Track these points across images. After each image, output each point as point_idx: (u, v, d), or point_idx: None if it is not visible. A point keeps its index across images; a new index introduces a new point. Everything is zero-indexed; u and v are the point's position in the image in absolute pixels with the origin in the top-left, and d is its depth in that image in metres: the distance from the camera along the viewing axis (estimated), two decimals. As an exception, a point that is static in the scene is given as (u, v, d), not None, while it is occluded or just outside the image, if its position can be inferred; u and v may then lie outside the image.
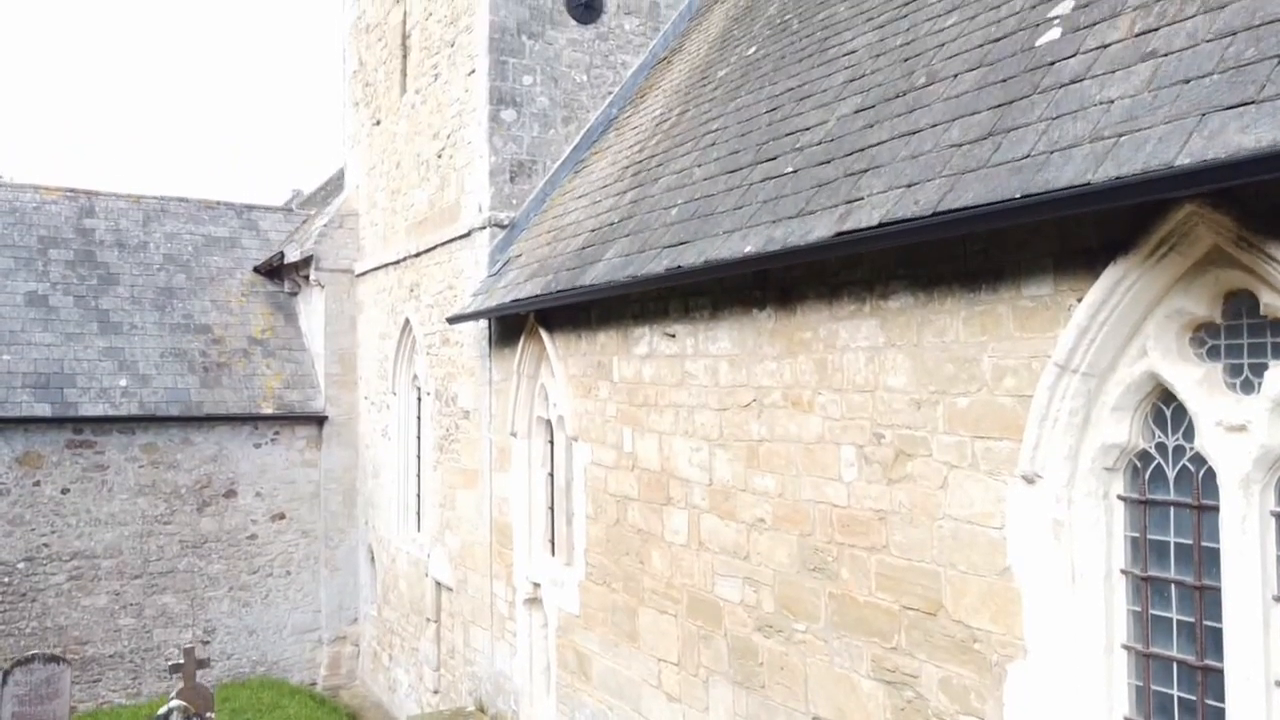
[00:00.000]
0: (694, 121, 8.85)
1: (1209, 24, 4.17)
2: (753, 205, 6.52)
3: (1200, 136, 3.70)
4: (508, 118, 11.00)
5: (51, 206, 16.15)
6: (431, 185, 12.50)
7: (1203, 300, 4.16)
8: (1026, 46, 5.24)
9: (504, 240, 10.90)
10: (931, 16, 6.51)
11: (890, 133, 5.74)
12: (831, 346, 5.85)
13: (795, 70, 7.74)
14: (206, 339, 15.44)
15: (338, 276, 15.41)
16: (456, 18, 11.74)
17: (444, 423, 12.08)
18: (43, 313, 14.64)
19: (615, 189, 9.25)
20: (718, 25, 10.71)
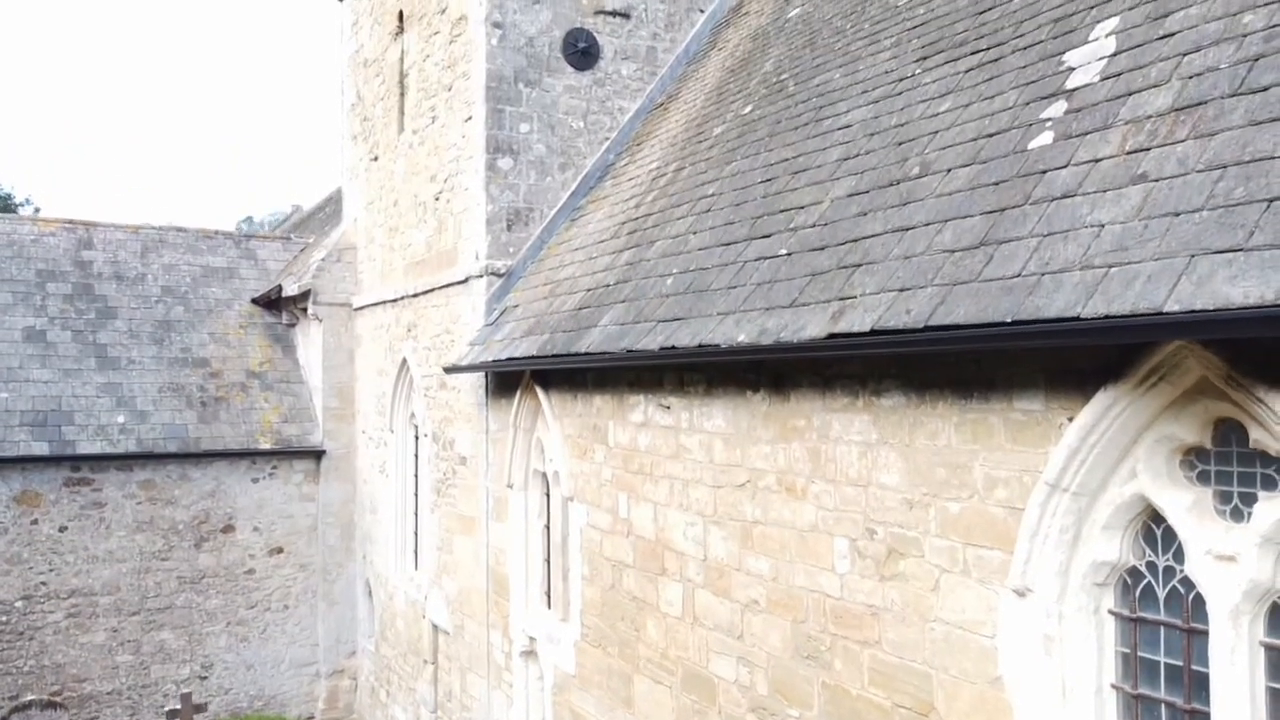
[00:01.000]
0: (690, 182, 8.86)
1: (1199, 151, 4.18)
2: (747, 286, 6.53)
3: (1189, 281, 3.71)
4: (504, 166, 11.01)
5: (50, 239, 16.17)
6: (429, 227, 12.52)
7: (1193, 427, 4.18)
8: (1019, 148, 5.25)
9: (500, 289, 10.91)
10: (926, 98, 6.52)
11: (884, 225, 5.75)
12: (825, 437, 5.87)
13: (790, 139, 7.75)
14: (204, 373, 15.45)
15: (335, 310, 15.42)
16: (454, 63, 11.75)
17: (441, 466, 12.09)
18: (40, 348, 14.65)
19: (611, 246, 9.26)
20: (714, 75, 10.72)
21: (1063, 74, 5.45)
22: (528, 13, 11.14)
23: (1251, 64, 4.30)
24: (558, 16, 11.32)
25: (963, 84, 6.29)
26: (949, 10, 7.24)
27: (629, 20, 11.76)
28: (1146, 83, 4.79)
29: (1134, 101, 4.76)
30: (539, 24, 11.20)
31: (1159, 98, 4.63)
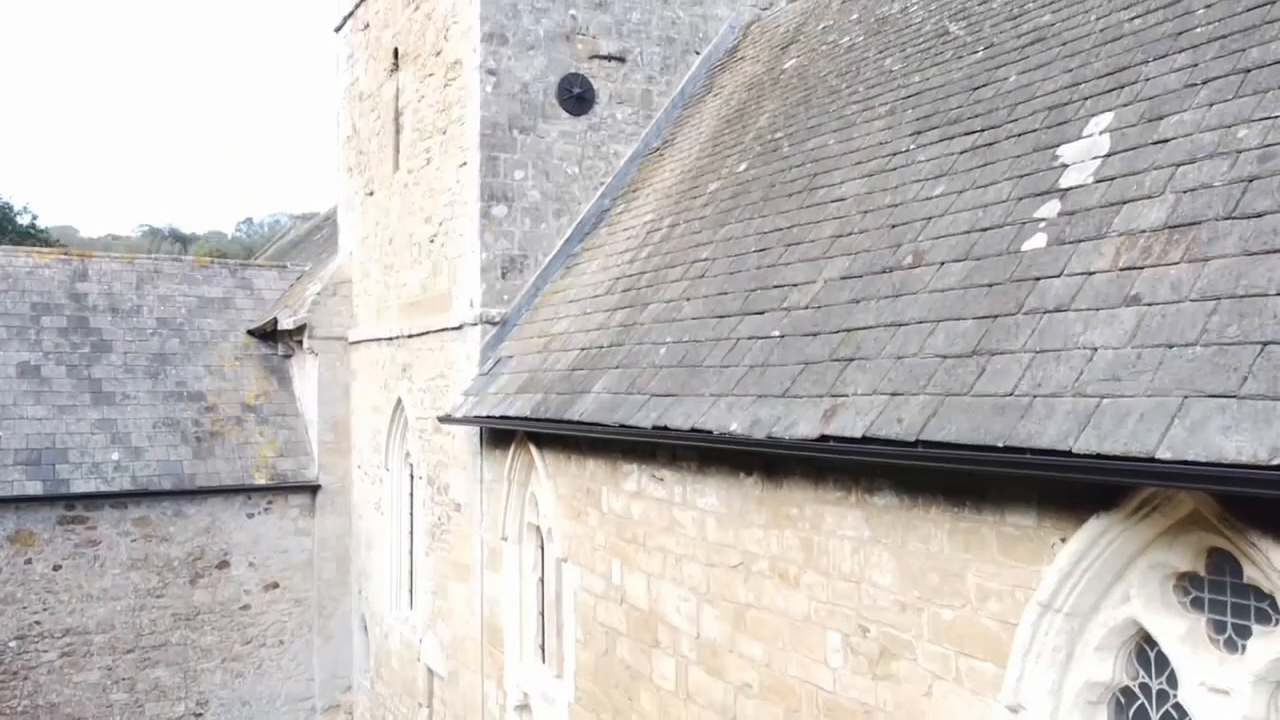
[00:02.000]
0: (684, 241, 8.82)
1: (1193, 278, 4.14)
2: (739, 367, 6.49)
3: (1182, 426, 3.67)
4: (499, 214, 10.97)
5: (44, 271, 16.12)
6: (424, 269, 12.47)
7: (1186, 555, 4.14)
8: (1012, 248, 5.21)
9: (495, 337, 10.87)
10: (920, 178, 6.48)
11: (876, 317, 5.72)
12: (818, 528, 5.83)
13: (784, 206, 7.72)
14: (199, 407, 15.40)
15: (331, 344, 15.37)
16: (448, 106, 11.71)
17: (436, 510, 12.05)
18: (35, 384, 14.60)
19: (606, 303, 9.22)
20: (709, 124, 10.68)
21: (1056, 170, 5.42)
22: (522, 59, 11.10)
23: (1245, 185, 4.27)
24: (552, 62, 11.28)
25: (957, 166, 6.25)
26: (944, 83, 7.20)
27: (624, 64, 11.72)
28: (1140, 192, 4.76)
29: (1128, 212, 4.72)
30: (534, 70, 11.16)
31: (1153, 211, 4.60)
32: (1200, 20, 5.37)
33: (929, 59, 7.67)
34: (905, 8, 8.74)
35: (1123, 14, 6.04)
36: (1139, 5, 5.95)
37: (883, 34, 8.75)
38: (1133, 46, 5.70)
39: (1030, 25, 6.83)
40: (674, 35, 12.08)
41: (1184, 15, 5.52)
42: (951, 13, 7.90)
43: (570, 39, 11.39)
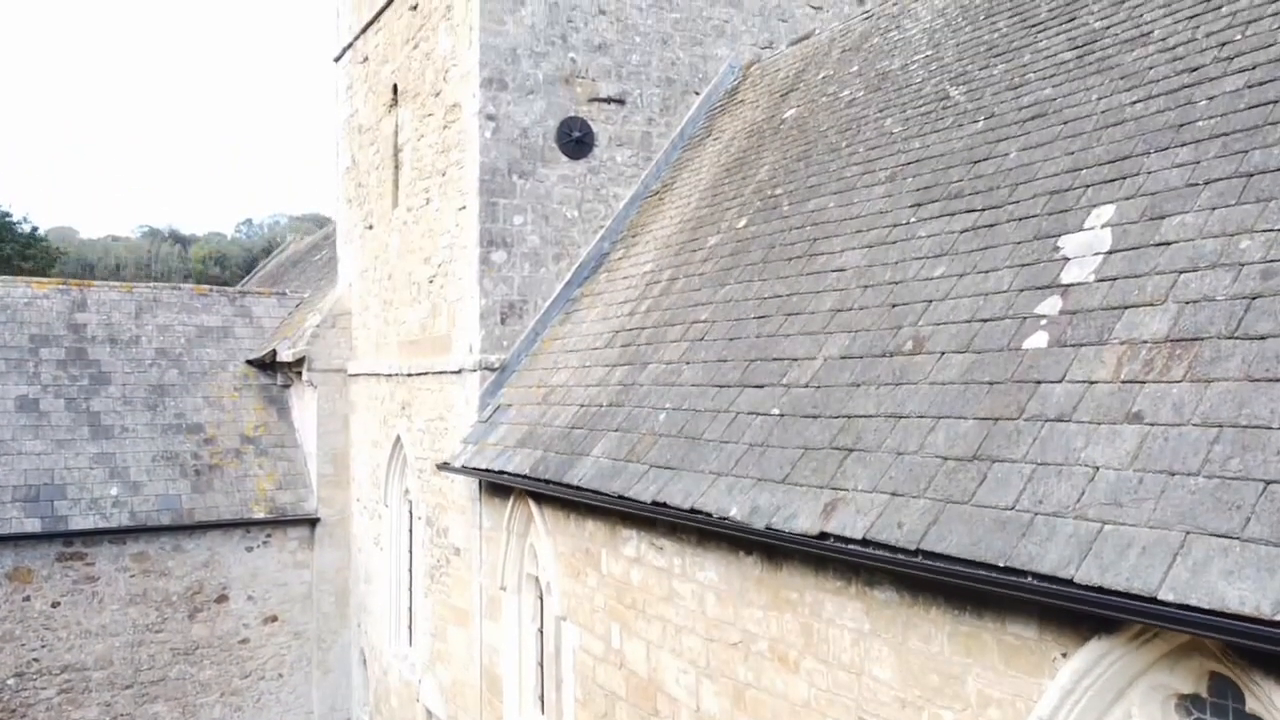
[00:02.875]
0: (683, 298, 8.80)
1: (1195, 399, 4.12)
2: (739, 445, 6.47)
3: (1184, 566, 3.65)
4: (498, 259, 10.95)
5: (43, 301, 16.09)
6: (423, 309, 12.45)
7: (1188, 679, 4.11)
8: (1014, 345, 5.19)
9: (494, 383, 10.85)
10: (920, 255, 6.46)
11: (876, 405, 5.69)
12: (817, 615, 5.80)
13: (784, 271, 7.69)
14: (198, 439, 15.37)
15: (330, 376, 15.35)
16: (447, 149, 11.68)
17: (435, 552, 12.03)
18: (34, 418, 14.57)
19: (605, 357, 9.20)
20: (709, 170, 10.65)
21: (1058, 262, 5.39)
22: (522, 104, 11.07)
23: (1248, 303, 4.25)
24: (552, 106, 11.25)
25: (958, 246, 6.23)
26: (944, 151, 7.18)
27: (624, 106, 11.69)
28: (1142, 297, 4.73)
29: (1129, 318, 4.70)
30: (533, 114, 11.14)
31: (1154, 320, 4.58)
32: (1202, 113, 5.35)
33: (929, 124, 7.65)
34: (905, 65, 8.72)
35: (1124, 96, 6.02)
36: (1140, 89, 5.93)
37: (883, 91, 8.72)
38: (1134, 134, 5.67)
39: (1031, 98, 6.81)
40: (673, 76, 12.05)
41: (1185, 105, 5.50)
42: (952, 76, 7.87)
43: (570, 82, 11.37)
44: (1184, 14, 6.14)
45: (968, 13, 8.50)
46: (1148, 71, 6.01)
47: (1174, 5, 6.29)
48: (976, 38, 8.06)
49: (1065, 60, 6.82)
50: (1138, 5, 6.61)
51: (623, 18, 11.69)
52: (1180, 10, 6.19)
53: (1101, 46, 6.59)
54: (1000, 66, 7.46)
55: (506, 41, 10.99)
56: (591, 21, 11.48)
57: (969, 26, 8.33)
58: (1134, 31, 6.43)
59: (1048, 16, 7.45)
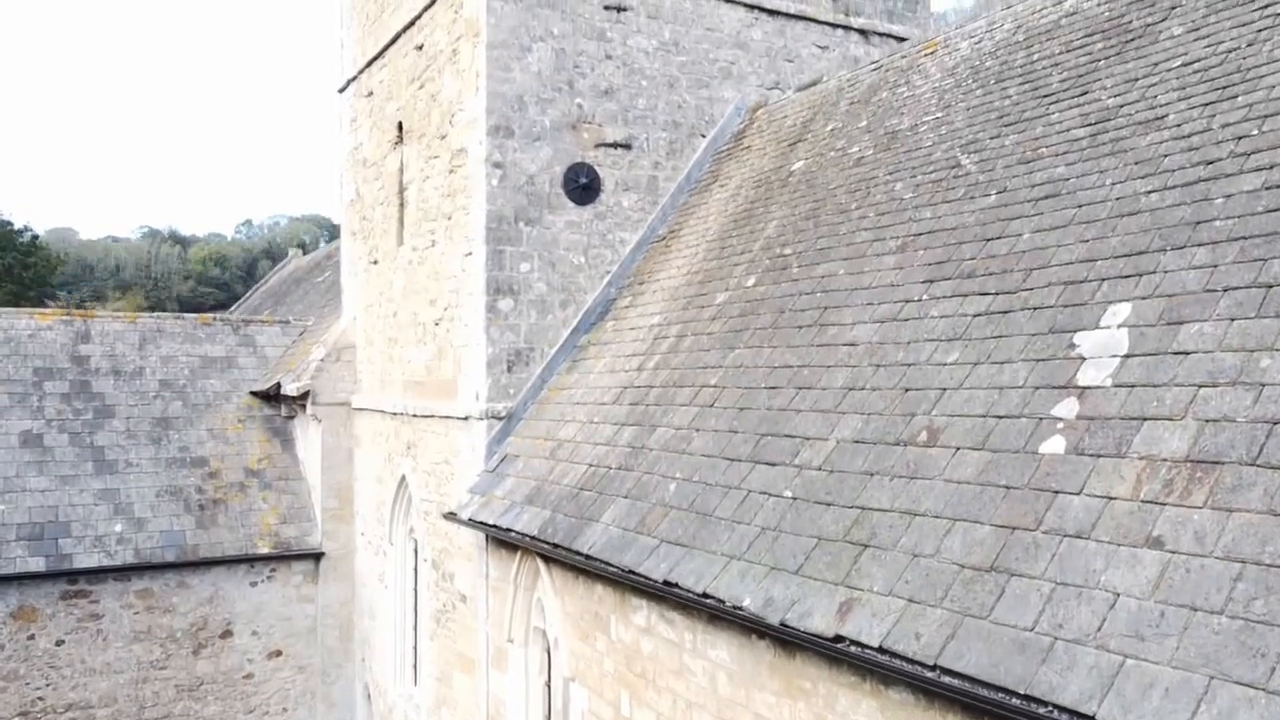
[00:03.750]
0: (691, 358, 8.77)
1: (1217, 529, 4.10)
2: (751, 527, 6.45)
3: (1209, 713, 3.63)
4: (505, 307, 10.93)
5: (47, 333, 16.06)
6: (428, 351, 12.42)
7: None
8: (1030, 447, 5.17)
9: (501, 431, 10.83)
10: (933, 337, 6.43)
11: (891, 499, 5.67)
12: (831, 708, 5.78)
13: (794, 340, 7.67)
14: (202, 473, 15.34)
15: (334, 410, 15.33)
16: (453, 193, 11.66)
17: (441, 596, 12.00)
18: (38, 454, 14.54)
19: (613, 414, 9.17)
20: (716, 220, 10.63)
21: (1074, 361, 5.37)
22: (528, 151, 11.05)
23: (1270, 429, 4.23)
24: (558, 152, 11.23)
25: (971, 332, 6.21)
26: (956, 225, 7.16)
27: (630, 151, 11.67)
28: (1161, 409, 4.71)
29: (1148, 431, 4.68)
30: (540, 161, 11.11)
31: (1174, 437, 4.56)
32: (1219, 211, 5.33)
33: (940, 193, 7.63)
34: (915, 126, 8.70)
35: (1139, 184, 6.00)
36: (1155, 179, 5.91)
37: (893, 151, 8.70)
38: (1150, 227, 5.66)
39: (1044, 175, 6.79)
40: (680, 119, 12.03)
41: (1202, 202, 5.49)
42: (963, 143, 7.85)
43: (576, 128, 11.35)
44: (1199, 100, 6.12)
45: (978, 75, 8.48)
46: (1162, 160, 5.99)
47: (1188, 89, 6.27)
48: (987, 103, 8.04)
49: (1078, 137, 6.80)
50: (1152, 85, 6.59)
51: (629, 62, 11.67)
52: (1195, 96, 6.17)
53: (1115, 126, 6.57)
54: (1012, 137, 7.44)
55: (513, 89, 10.97)
56: (598, 67, 11.46)
57: (980, 90, 8.31)
58: (1148, 113, 6.41)
59: (1059, 87, 7.43)
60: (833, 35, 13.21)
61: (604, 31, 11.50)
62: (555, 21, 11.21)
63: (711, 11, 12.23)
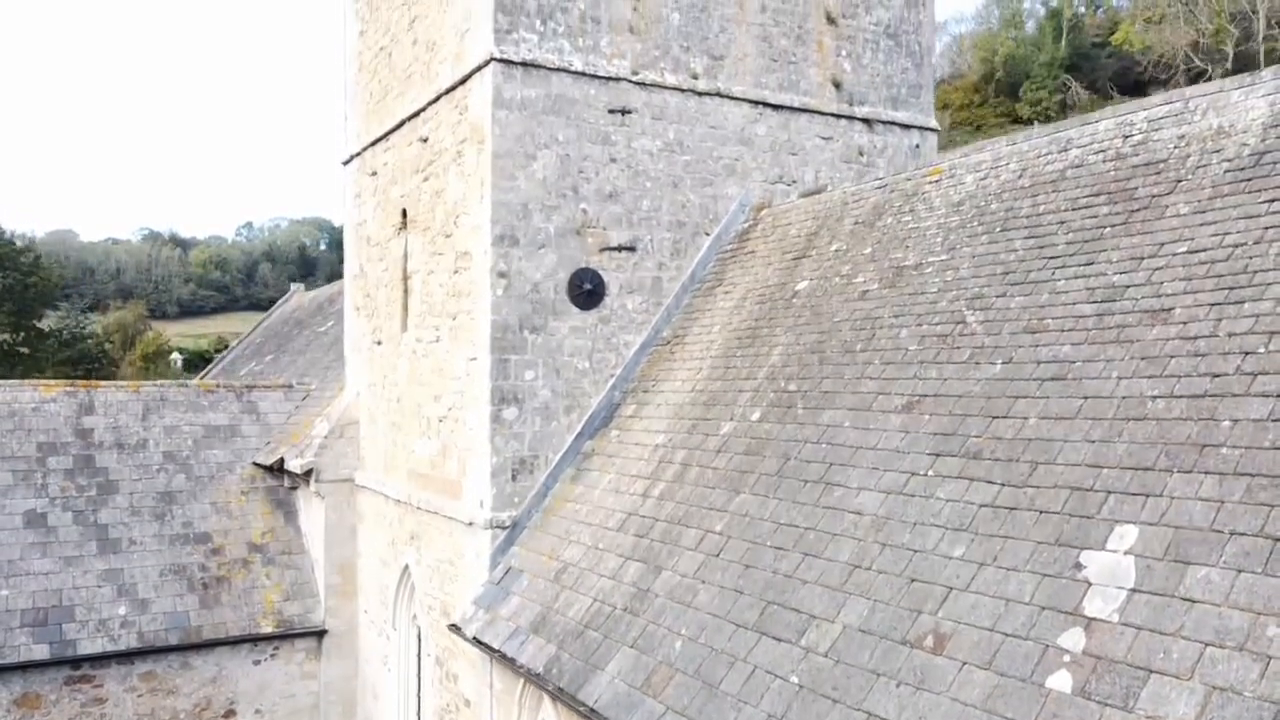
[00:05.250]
0: (696, 493, 8.79)
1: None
2: (758, 710, 6.47)
3: None
4: (510, 416, 10.94)
5: (50, 406, 16.08)
6: (433, 446, 12.44)
7: None
8: (1037, 679, 5.19)
9: (505, 540, 10.85)
10: (939, 524, 6.45)
11: (898, 709, 5.69)
12: None
13: (800, 496, 7.69)
14: (206, 549, 15.36)
15: (338, 486, 15.35)
16: (458, 294, 11.67)
17: (445, 695, 12.03)
18: (42, 534, 14.56)
19: (618, 544, 9.20)
20: (719, 333, 10.64)
21: (1080, 584, 5.39)
22: (533, 258, 11.07)
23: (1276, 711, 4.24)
24: (563, 258, 11.25)
25: (978, 525, 6.22)
26: (962, 393, 7.17)
27: (634, 253, 11.69)
28: (1168, 665, 4.73)
29: (1155, 688, 4.70)
30: (544, 268, 11.13)
31: (1181, 700, 4.57)
32: (1226, 436, 5.35)
33: (945, 350, 7.65)
34: (919, 265, 8.71)
35: (1145, 384, 6.02)
36: (1161, 381, 5.93)
37: (897, 289, 8.72)
38: (1156, 440, 5.67)
39: (1050, 353, 6.81)
40: (684, 219, 12.05)
41: (1209, 420, 5.50)
42: (969, 297, 7.87)
43: (581, 233, 11.37)
44: (1205, 297, 6.14)
45: (983, 218, 8.50)
46: (1169, 360, 6.01)
47: (1194, 282, 6.28)
48: (993, 254, 8.06)
49: (1084, 315, 6.82)
50: (1158, 268, 6.61)
51: (633, 164, 11.69)
52: (1202, 292, 6.18)
53: (1121, 310, 6.59)
54: (1018, 299, 7.45)
55: (518, 197, 10.99)
56: (603, 171, 11.48)
57: (985, 235, 8.33)
58: (1154, 301, 6.43)
59: (1065, 250, 7.44)
60: (836, 125, 13.23)
61: (608, 135, 11.52)
62: (560, 127, 11.23)
63: (715, 109, 12.25)
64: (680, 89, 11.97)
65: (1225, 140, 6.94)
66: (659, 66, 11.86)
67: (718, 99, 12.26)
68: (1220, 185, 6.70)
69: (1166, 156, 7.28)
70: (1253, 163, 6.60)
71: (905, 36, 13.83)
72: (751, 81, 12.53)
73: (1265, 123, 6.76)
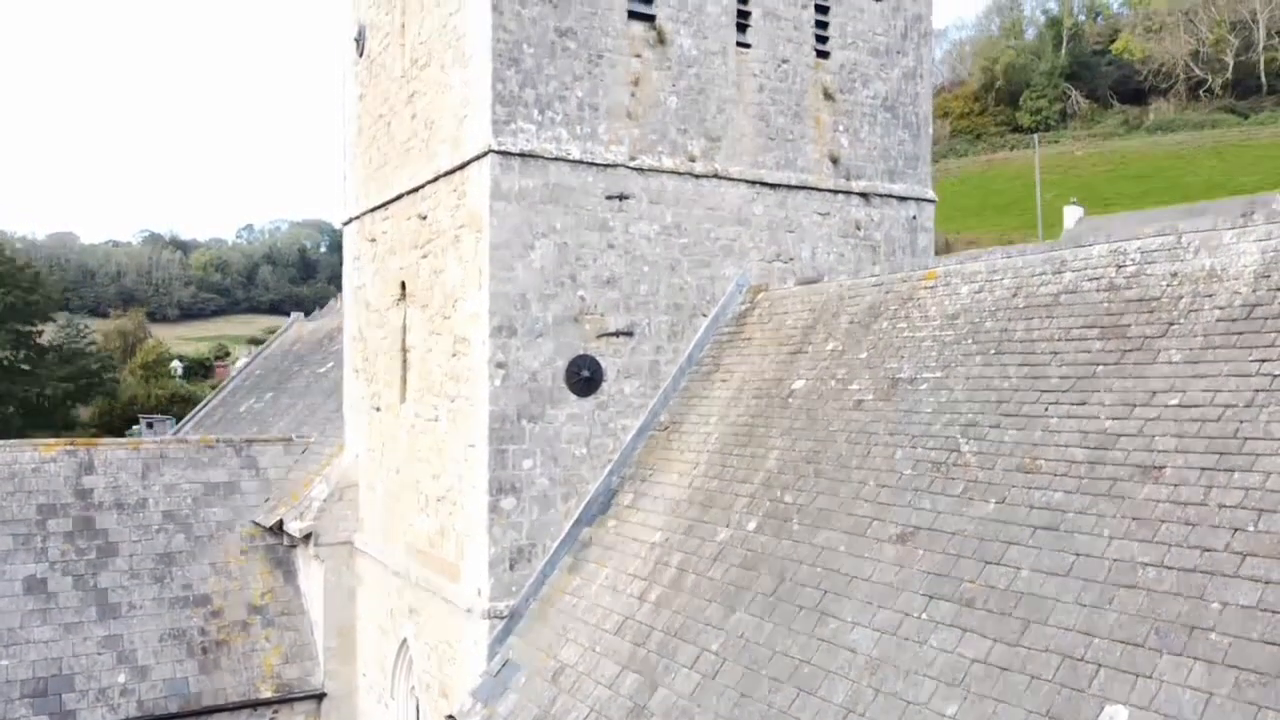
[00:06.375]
0: (693, 604, 8.84)
1: None
2: None
3: None
4: (508, 506, 10.99)
5: (50, 466, 16.12)
6: (431, 524, 12.49)
7: None
8: None
9: (504, 630, 10.90)
10: (932, 675, 6.50)
11: None
12: None
13: (795, 624, 7.74)
14: (205, 612, 15.41)
15: (337, 549, 15.41)
16: (457, 378, 11.72)
17: (443, 776, 12.08)
18: (42, 601, 14.61)
19: (615, 650, 9.25)
20: (716, 428, 10.70)
21: (1071, 765, 5.44)
22: (531, 348, 11.12)
23: None
24: (561, 346, 11.30)
25: (970, 683, 6.27)
26: (956, 530, 7.22)
27: (632, 338, 11.74)
28: None
29: None
30: (542, 357, 11.18)
31: None
32: (1215, 620, 5.40)
33: (940, 478, 7.70)
34: (914, 379, 8.77)
35: (1136, 548, 6.07)
36: (1152, 548, 5.98)
37: (892, 403, 8.77)
38: (1147, 614, 5.72)
39: (1043, 498, 6.86)
40: (681, 301, 12.10)
41: (1198, 600, 5.56)
42: (963, 424, 7.92)
43: (579, 320, 11.41)
44: (1196, 459, 6.19)
45: (977, 336, 8.55)
46: (1160, 525, 6.06)
47: (1186, 441, 6.33)
48: (986, 379, 8.11)
49: (1077, 460, 6.87)
50: (1150, 419, 6.66)
51: (631, 249, 11.73)
52: (1192, 453, 6.23)
53: (1113, 461, 6.64)
54: (1011, 433, 7.50)
55: (516, 288, 11.03)
56: (601, 257, 11.53)
57: (979, 355, 8.38)
58: (1145, 456, 6.48)
59: (1058, 384, 7.49)
60: (833, 201, 13.28)
61: (606, 221, 11.57)
62: (558, 216, 11.28)
63: (713, 191, 12.30)
64: (678, 172, 12.02)
65: (1217, 285, 7.00)
66: (656, 151, 11.90)
67: (715, 180, 12.31)
68: (1212, 335, 6.75)
69: (1159, 294, 7.33)
70: (1244, 314, 6.65)
71: (902, 108, 13.88)
72: (749, 161, 12.58)
73: (1257, 271, 6.81)
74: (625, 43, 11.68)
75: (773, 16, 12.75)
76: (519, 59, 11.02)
